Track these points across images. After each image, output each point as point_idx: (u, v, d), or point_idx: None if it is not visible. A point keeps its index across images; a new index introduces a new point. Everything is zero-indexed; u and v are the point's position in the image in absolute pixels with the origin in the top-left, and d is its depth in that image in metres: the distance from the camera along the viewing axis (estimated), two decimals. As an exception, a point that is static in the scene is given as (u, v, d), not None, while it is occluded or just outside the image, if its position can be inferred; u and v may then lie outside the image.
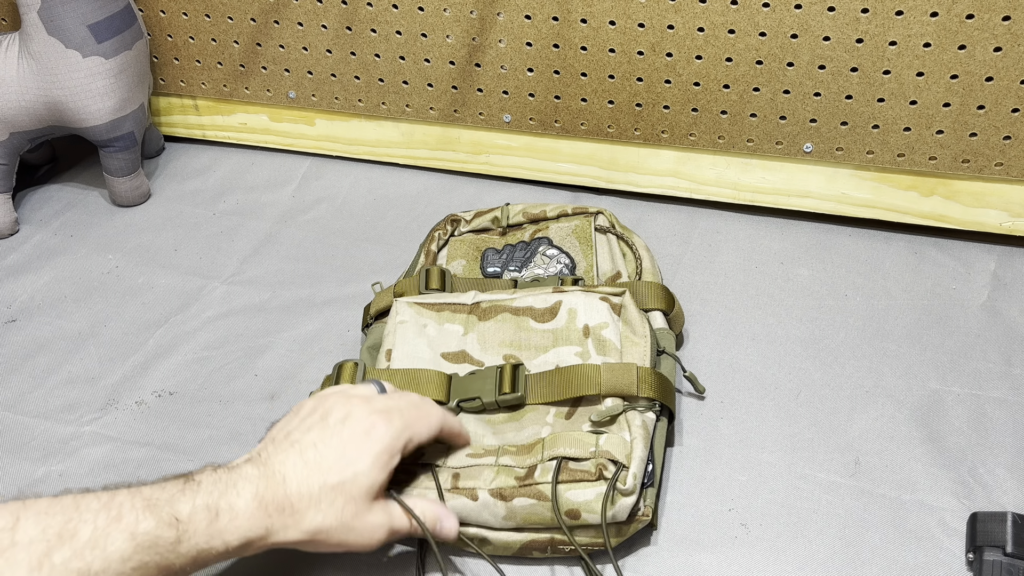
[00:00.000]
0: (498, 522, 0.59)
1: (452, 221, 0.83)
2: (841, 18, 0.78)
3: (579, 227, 0.80)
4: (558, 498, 0.58)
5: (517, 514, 0.59)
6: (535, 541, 0.60)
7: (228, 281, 0.89)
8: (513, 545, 0.60)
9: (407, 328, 0.70)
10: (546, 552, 0.60)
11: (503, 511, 0.59)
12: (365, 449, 0.55)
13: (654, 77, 0.87)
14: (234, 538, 0.52)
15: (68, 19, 0.89)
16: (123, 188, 1.00)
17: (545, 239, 0.79)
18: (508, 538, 0.60)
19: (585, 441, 0.60)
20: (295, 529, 0.53)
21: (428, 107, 0.98)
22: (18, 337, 0.84)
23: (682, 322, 0.76)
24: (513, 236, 0.81)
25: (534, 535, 0.60)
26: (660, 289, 0.74)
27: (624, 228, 0.81)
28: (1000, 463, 0.66)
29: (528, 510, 0.58)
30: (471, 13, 0.90)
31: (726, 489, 0.66)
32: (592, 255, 0.77)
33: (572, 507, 0.58)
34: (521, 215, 0.82)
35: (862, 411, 0.71)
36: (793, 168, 0.89)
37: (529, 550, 0.60)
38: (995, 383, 0.72)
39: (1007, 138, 0.80)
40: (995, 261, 0.84)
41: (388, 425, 0.56)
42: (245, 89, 1.04)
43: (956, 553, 0.60)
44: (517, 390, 0.65)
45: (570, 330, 0.68)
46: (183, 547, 0.50)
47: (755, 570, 0.60)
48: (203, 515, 0.51)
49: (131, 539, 0.48)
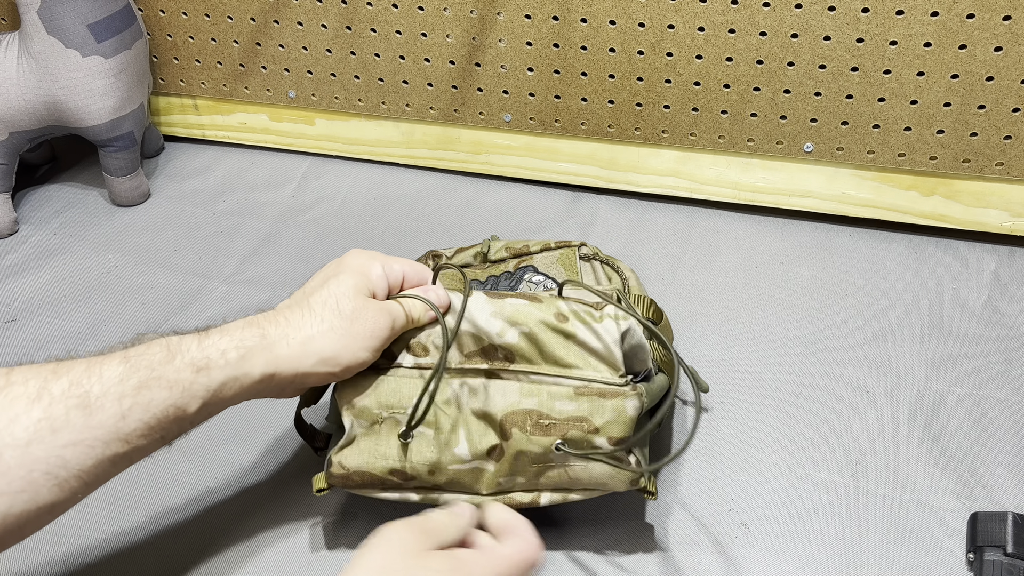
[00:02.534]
0: (485, 318, 0.57)
1: (433, 256, 0.81)
2: (841, 18, 0.78)
3: (563, 255, 0.78)
4: (548, 301, 0.57)
5: (505, 310, 0.57)
6: (516, 412, 0.56)
7: (228, 281, 0.89)
8: (494, 417, 0.56)
9: None
10: (526, 430, 0.56)
11: (492, 307, 0.57)
12: (343, 276, 0.57)
13: (654, 77, 0.87)
14: (231, 347, 0.51)
15: (68, 19, 0.89)
16: (123, 188, 1.00)
17: (530, 267, 0.78)
18: (489, 408, 0.57)
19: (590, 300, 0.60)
20: (295, 337, 0.53)
21: (428, 107, 0.98)
22: (18, 337, 0.84)
23: (670, 337, 0.75)
24: (496, 268, 0.79)
25: (519, 395, 0.56)
26: (647, 301, 0.72)
27: (608, 256, 0.79)
28: (1000, 463, 0.66)
29: (517, 308, 0.57)
30: (471, 13, 0.90)
31: (726, 489, 0.66)
32: (578, 279, 0.76)
33: (562, 309, 0.57)
34: (504, 250, 0.80)
35: (862, 411, 0.71)
36: (793, 168, 0.89)
37: (510, 426, 0.56)
38: (995, 383, 0.72)
39: (1008, 138, 0.80)
40: (995, 261, 0.84)
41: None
42: (245, 89, 1.04)
43: (956, 553, 0.60)
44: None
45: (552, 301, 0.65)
46: (178, 361, 0.49)
47: (755, 570, 0.60)
48: (193, 336, 0.51)
49: (123, 360, 0.48)
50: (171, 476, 0.68)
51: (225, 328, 0.53)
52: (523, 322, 0.57)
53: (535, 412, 0.56)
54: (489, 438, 0.57)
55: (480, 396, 0.58)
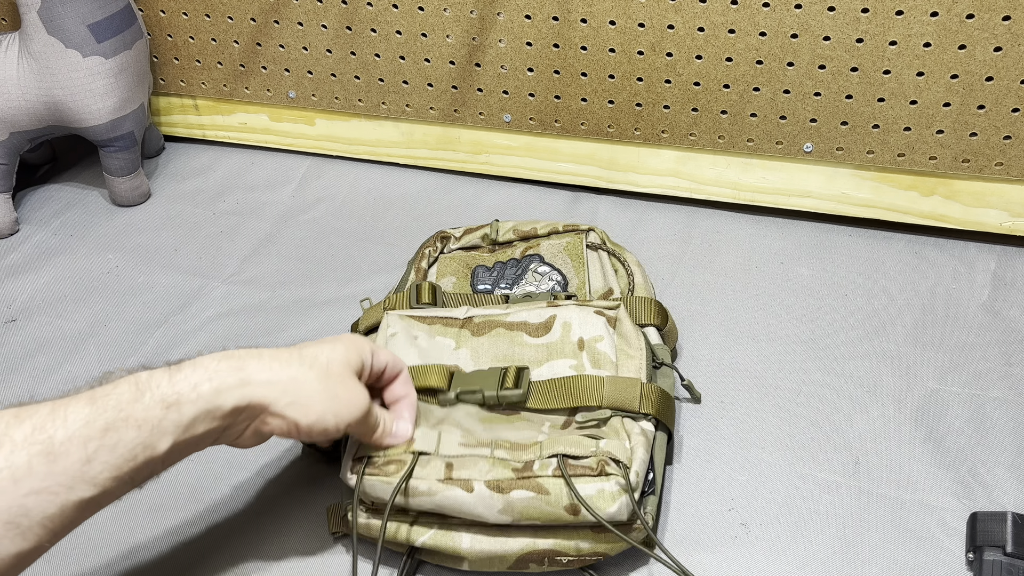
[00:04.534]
0: (494, 516, 0.57)
1: (442, 238, 0.81)
2: (841, 18, 0.78)
3: (570, 244, 0.78)
4: (557, 492, 0.57)
5: (515, 507, 0.57)
6: (533, 552, 0.58)
7: (228, 281, 0.89)
8: (510, 557, 0.59)
9: (397, 340, 0.68)
10: (543, 565, 0.59)
11: (500, 503, 0.57)
12: (338, 345, 0.56)
13: (654, 77, 0.87)
14: (203, 379, 0.49)
15: (68, 19, 0.89)
16: (123, 188, 1.00)
17: (536, 256, 0.78)
18: (506, 548, 0.58)
19: (585, 443, 0.59)
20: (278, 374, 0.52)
21: (428, 107, 0.98)
22: (18, 337, 0.84)
23: (675, 338, 0.75)
24: (504, 253, 0.79)
25: (533, 541, 0.58)
26: (654, 304, 0.72)
27: (615, 244, 0.79)
28: (1000, 463, 0.66)
29: (527, 503, 0.57)
30: (471, 13, 0.90)
31: (726, 489, 0.66)
32: (584, 272, 0.76)
33: (572, 501, 0.57)
34: (511, 232, 0.80)
35: (862, 411, 0.71)
36: (793, 168, 0.89)
37: (526, 562, 0.59)
38: (995, 383, 0.72)
39: (1007, 138, 0.80)
40: (995, 261, 0.84)
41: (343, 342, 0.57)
42: (245, 89, 1.04)
43: (956, 553, 0.60)
44: (520, 387, 0.63)
45: (564, 343, 0.66)
46: (147, 399, 0.47)
47: (755, 570, 0.60)
48: (163, 371, 0.49)
49: (90, 401, 0.46)
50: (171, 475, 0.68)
51: (198, 361, 0.51)
52: (535, 517, 0.57)
53: (551, 551, 0.59)
54: None
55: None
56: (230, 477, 0.68)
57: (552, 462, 0.58)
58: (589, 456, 0.58)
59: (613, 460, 0.58)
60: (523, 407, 0.64)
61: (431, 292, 0.74)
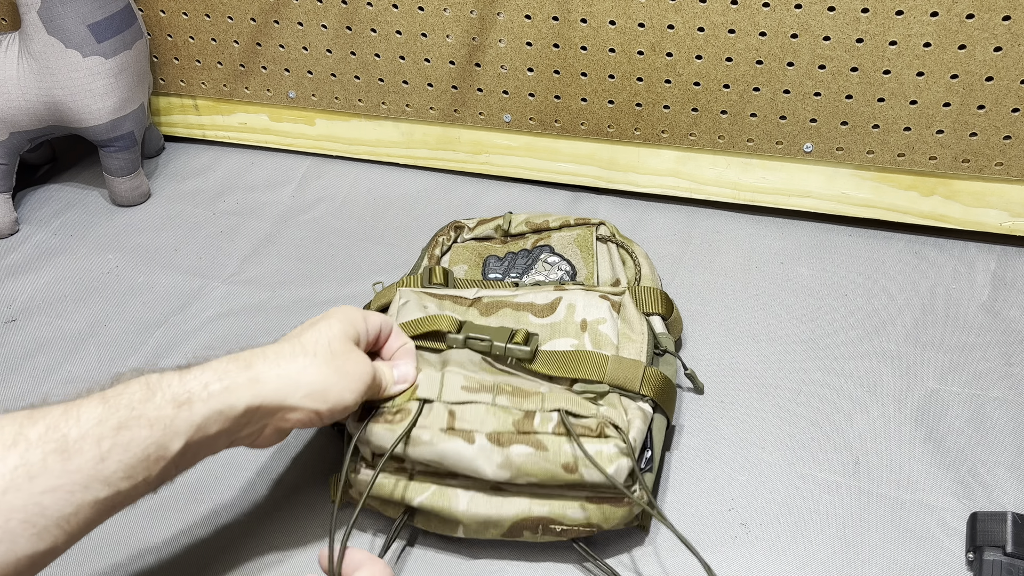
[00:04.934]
0: (492, 470, 0.57)
1: (456, 227, 0.82)
2: (841, 18, 0.78)
3: (581, 236, 0.79)
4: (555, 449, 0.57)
5: (513, 462, 0.57)
6: (528, 519, 0.59)
7: (228, 281, 0.89)
8: (504, 523, 0.59)
9: (408, 307, 0.70)
10: (537, 533, 0.59)
11: (499, 458, 0.57)
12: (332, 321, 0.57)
13: (654, 77, 0.87)
14: (213, 379, 0.50)
15: (68, 19, 0.89)
16: (123, 188, 1.00)
17: (547, 247, 0.79)
18: (501, 512, 0.59)
19: (586, 405, 0.60)
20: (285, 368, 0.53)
21: (428, 107, 0.98)
22: (18, 337, 0.84)
23: (680, 328, 0.76)
24: (515, 244, 0.80)
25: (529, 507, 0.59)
26: (659, 294, 0.73)
27: (625, 238, 0.80)
28: (1000, 463, 0.66)
29: (525, 459, 0.57)
30: (471, 13, 0.90)
31: (726, 489, 0.66)
32: (593, 263, 0.77)
33: (569, 459, 0.57)
34: (524, 224, 0.81)
35: (862, 411, 0.71)
36: (793, 168, 0.89)
37: (520, 529, 0.59)
38: (995, 383, 0.72)
39: (1007, 138, 0.80)
40: (995, 261, 0.84)
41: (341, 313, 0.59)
42: (245, 89, 1.04)
43: (956, 553, 0.60)
44: (529, 346, 0.64)
45: (568, 323, 0.67)
46: (158, 398, 0.48)
47: (755, 570, 0.60)
48: (173, 372, 0.50)
49: (102, 401, 0.47)
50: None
51: (207, 363, 0.51)
52: (533, 473, 0.58)
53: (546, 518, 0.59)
54: None
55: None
56: (231, 477, 0.68)
57: (553, 416, 0.58)
58: (590, 417, 0.59)
59: (612, 425, 0.59)
60: (526, 368, 0.65)
61: (443, 275, 0.76)
